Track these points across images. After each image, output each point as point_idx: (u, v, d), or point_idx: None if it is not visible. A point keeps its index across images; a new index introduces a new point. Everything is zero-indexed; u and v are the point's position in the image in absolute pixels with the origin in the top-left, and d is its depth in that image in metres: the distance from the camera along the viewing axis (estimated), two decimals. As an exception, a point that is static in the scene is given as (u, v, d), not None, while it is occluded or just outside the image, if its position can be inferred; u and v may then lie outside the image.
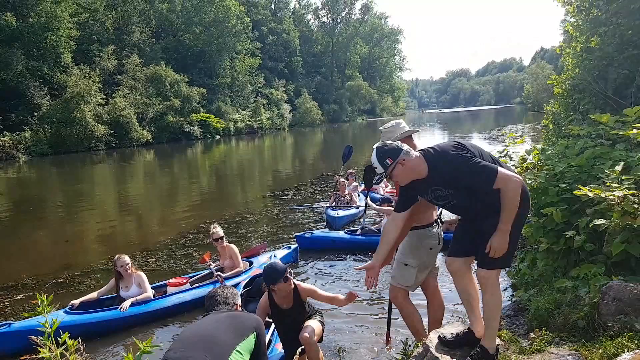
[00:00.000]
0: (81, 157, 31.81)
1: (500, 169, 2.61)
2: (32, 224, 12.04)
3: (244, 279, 5.82)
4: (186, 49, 52.83)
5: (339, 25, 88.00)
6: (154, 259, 7.87)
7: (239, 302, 2.88)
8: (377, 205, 7.73)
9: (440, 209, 3.88)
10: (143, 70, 43.48)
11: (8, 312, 5.86)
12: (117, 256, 5.56)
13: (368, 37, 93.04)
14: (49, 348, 1.73)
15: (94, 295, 5.54)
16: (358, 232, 7.86)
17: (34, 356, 1.70)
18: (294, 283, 3.67)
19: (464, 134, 35.64)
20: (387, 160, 2.78)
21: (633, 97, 6.13)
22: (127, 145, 38.39)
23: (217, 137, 48.32)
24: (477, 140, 27.22)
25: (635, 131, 4.17)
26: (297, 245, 7.44)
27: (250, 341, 2.44)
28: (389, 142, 2.88)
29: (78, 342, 1.80)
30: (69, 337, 1.79)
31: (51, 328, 1.75)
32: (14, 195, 17.68)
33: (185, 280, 5.99)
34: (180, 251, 8.24)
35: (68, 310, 5.12)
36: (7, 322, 4.84)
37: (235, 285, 5.64)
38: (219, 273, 6.07)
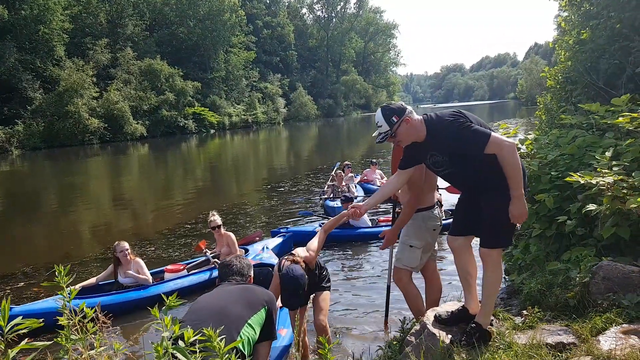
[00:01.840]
0: (75, 151, 31.69)
1: (493, 133, 2.65)
2: (29, 216, 12.08)
3: None
4: (180, 42, 52.57)
5: (333, 20, 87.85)
6: (153, 248, 7.96)
7: (252, 274, 2.96)
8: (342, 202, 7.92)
9: (441, 194, 4.02)
10: (137, 63, 43.28)
11: (10, 298, 5.92)
12: (116, 242, 5.67)
13: (363, 31, 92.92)
14: (67, 316, 1.82)
15: (92, 280, 5.64)
16: None
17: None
18: (303, 259, 3.57)
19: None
20: (393, 118, 2.84)
21: (623, 87, 6.26)
22: (121, 139, 38.27)
23: (212, 131, 48.25)
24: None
25: (621, 119, 4.30)
26: (291, 233, 7.50)
27: (261, 315, 2.53)
28: (393, 102, 2.95)
29: (95, 310, 1.89)
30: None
31: (69, 297, 1.84)
32: (8, 189, 17.66)
33: (182, 267, 6.11)
34: (178, 240, 8.33)
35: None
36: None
37: None
38: (216, 260, 6.17)
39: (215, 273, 5.97)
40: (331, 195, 10.10)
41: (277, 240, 7.14)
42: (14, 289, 6.31)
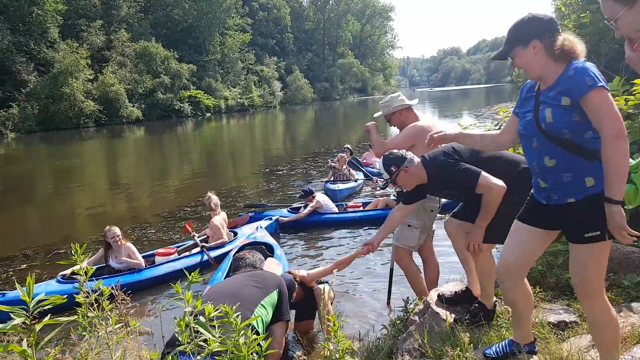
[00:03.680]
0: (70, 134, 31.50)
1: (481, 176, 2.79)
2: (26, 199, 12.06)
3: (233, 247, 5.93)
4: (175, 24, 51.94)
5: (330, 1, 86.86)
6: (153, 230, 7.98)
7: (264, 268, 3.03)
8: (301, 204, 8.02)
9: None
10: (132, 45, 42.83)
11: (13, 280, 5.96)
12: (107, 227, 5.62)
13: (360, 13, 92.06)
14: (86, 294, 1.86)
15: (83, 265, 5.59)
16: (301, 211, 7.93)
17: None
18: (299, 276, 3.76)
19: (454, 113, 35.79)
20: (391, 168, 3.07)
21: (624, 71, 6.26)
22: (117, 122, 38.08)
23: (208, 114, 47.98)
24: (468, 118, 27.27)
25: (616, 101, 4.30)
26: (277, 216, 7.54)
27: (273, 297, 2.59)
28: (395, 151, 3.15)
29: (112, 288, 1.93)
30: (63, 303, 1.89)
31: (86, 276, 1.88)
32: (4, 172, 17.59)
33: (173, 250, 6.12)
34: (179, 223, 8.31)
35: (60, 279, 5.18)
36: (2, 291, 4.92)
37: (225, 255, 5.78)
38: (204, 244, 6.21)
39: (206, 256, 6.00)
40: (332, 178, 10.13)
41: (266, 222, 7.18)
42: (16, 271, 6.34)
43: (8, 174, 16.91)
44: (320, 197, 7.84)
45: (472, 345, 2.55)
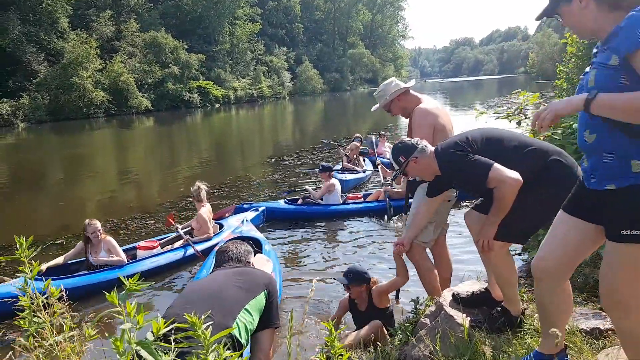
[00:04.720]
0: (80, 124, 31.46)
1: (492, 169, 2.37)
2: (32, 188, 11.93)
3: (219, 241, 5.68)
4: (185, 14, 51.64)
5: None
6: (152, 221, 7.75)
7: (252, 260, 2.68)
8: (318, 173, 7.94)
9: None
10: (141, 36, 42.63)
11: (5, 271, 5.74)
12: (87, 221, 5.26)
13: (370, 3, 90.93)
14: (30, 297, 1.55)
15: (60, 260, 5.29)
16: (299, 202, 7.69)
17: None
18: (374, 283, 3.59)
19: (467, 103, 35.14)
20: (400, 158, 2.79)
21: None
22: (127, 112, 37.99)
23: (217, 105, 47.76)
24: (480, 109, 26.61)
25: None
26: (264, 207, 7.26)
27: (260, 300, 2.23)
28: (405, 139, 2.88)
29: (61, 290, 1.62)
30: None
31: (31, 273, 1.57)
32: (14, 161, 17.51)
33: (156, 244, 5.81)
34: (180, 213, 8.09)
35: (36, 276, 4.89)
36: None
37: (210, 249, 5.50)
38: (189, 237, 5.92)
39: (191, 250, 5.72)
40: (339, 168, 9.87)
41: (252, 214, 6.89)
42: (9, 262, 6.10)
43: (18, 164, 16.82)
44: (335, 182, 7.63)
45: None
